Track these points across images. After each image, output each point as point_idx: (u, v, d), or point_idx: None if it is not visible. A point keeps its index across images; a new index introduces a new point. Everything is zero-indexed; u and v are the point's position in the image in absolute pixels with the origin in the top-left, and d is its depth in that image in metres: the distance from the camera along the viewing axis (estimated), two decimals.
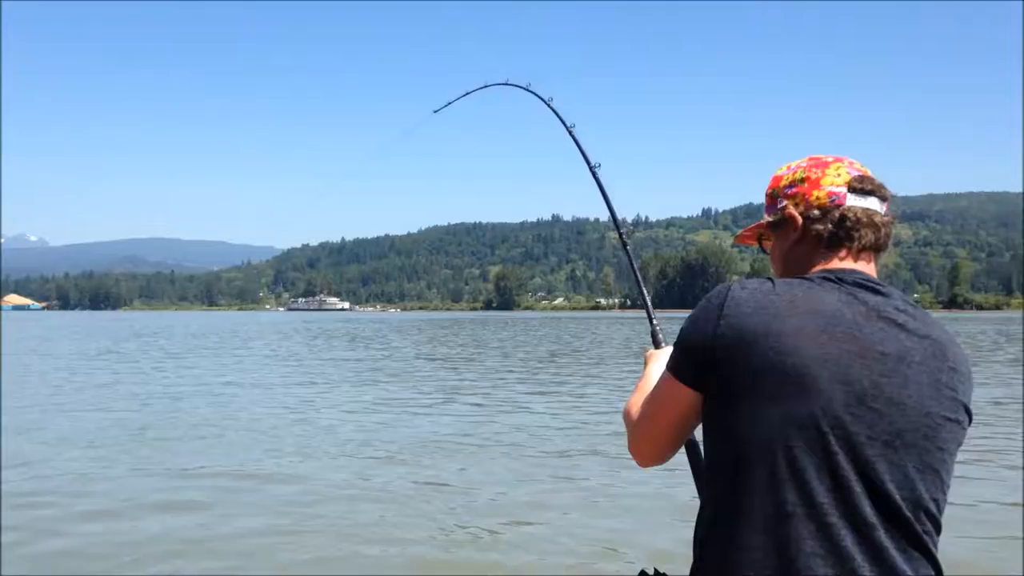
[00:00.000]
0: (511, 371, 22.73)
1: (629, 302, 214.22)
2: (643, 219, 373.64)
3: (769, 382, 1.38)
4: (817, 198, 1.57)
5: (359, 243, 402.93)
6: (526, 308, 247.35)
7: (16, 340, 41.35)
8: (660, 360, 1.74)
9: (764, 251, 1.72)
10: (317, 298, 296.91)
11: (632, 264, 2.33)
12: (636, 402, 1.67)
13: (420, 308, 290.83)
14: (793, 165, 1.66)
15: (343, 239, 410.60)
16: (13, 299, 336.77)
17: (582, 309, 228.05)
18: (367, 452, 9.99)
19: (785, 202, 1.61)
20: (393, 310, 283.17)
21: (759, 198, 1.72)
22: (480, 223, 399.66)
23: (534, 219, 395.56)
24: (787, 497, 1.36)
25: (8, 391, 16.44)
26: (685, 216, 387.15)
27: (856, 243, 1.54)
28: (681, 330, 1.51)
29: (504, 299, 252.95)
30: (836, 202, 1.55)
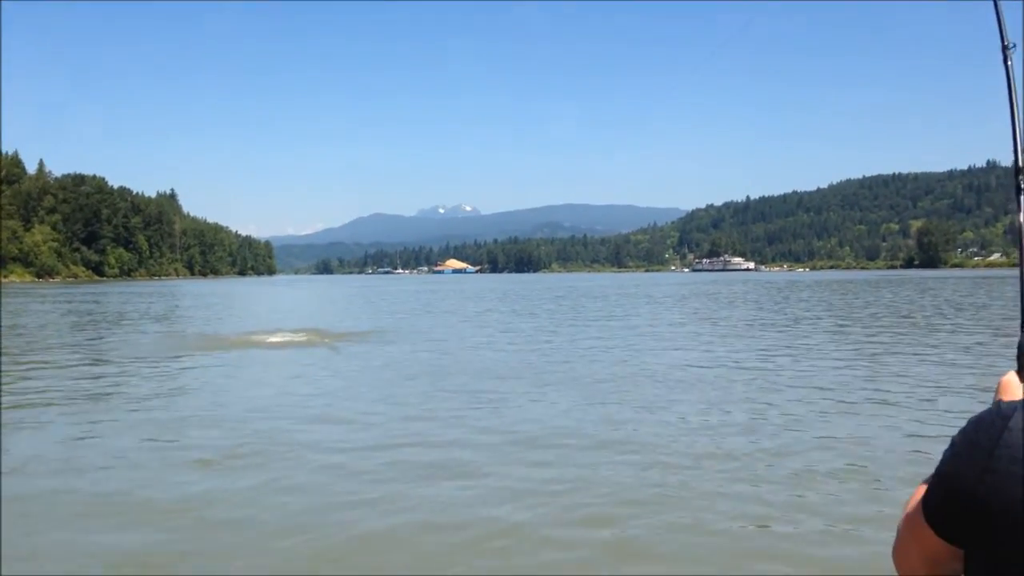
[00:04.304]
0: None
1: None
2: None
3: None
4: None
5: (764, 201, 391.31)
6: (954, 266, 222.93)
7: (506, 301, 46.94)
8: (1010, 399, 1.27)
9: None
10: (721, 258, 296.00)
11: (1021, 212, 1.69)
12: (912, 496, 1.33)
13: (831, 267, 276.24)
14: None
15: (748, 198, 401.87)
16: (453, 263, 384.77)
17: None
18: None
19: None
20: (801, 269, 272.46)
21: None
22: (899, 174, 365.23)
23: (964, 166, 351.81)
24: None
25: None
26: None
27: None
28: (942, 458, 1.21)
29: (928, 256, 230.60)
30: None
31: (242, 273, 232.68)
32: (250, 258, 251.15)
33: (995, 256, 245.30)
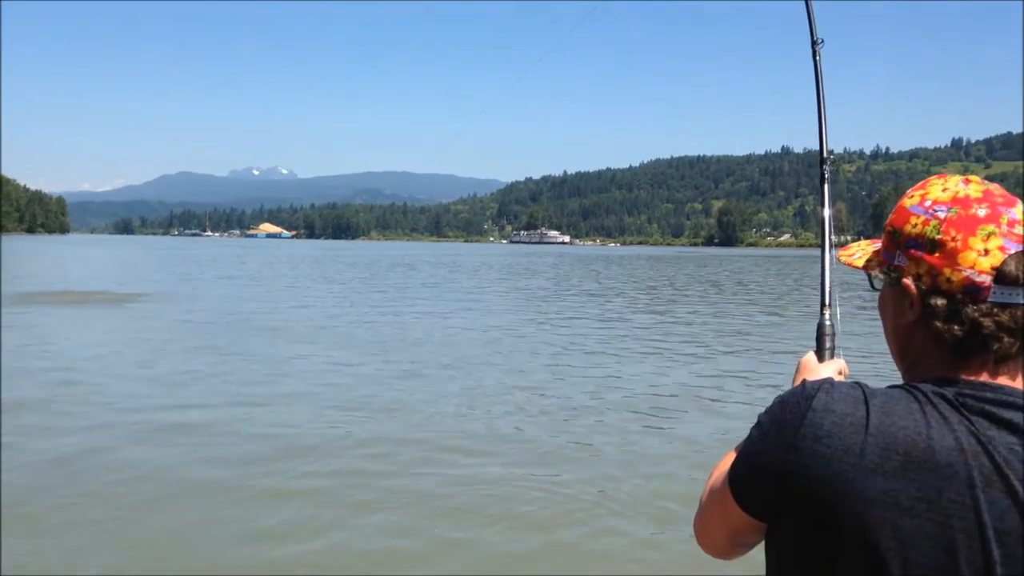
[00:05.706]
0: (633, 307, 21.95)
1: (863, 239, 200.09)
2: (883, 150, 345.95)
3: (844, 565, 1.08)
4: (948, 281, 1.11)
5: (580, 177, 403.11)
6: (749, 244, 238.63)
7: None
8: (812, 379, 1.21)
9: (873, 287, 1.29)
10: (539, 231, 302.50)
11: (824, 200, 1.74)
12: (717, 469, 1.30)
13: (640, 243, 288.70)
14: (931, 200, 1.16)
15: (565, 172, 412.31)
16: (267, 227, 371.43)
17: (810, 246, 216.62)
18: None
19: (905, 261, 1.17)
20: (612, 244, 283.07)
21: (1019, 126, 1.20)
22: (704, 156, 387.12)
23: (762, 152, 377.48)
24: None
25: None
26: (932, 147, 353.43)
27: (994, 353, 1.11)
28: (749, 436, 1.20)
29: (727, 235, 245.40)
30: (972, 296, 1.10)
31: (30, 231, 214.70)
32: (40, 215, 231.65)
33: (785, 236, 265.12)
